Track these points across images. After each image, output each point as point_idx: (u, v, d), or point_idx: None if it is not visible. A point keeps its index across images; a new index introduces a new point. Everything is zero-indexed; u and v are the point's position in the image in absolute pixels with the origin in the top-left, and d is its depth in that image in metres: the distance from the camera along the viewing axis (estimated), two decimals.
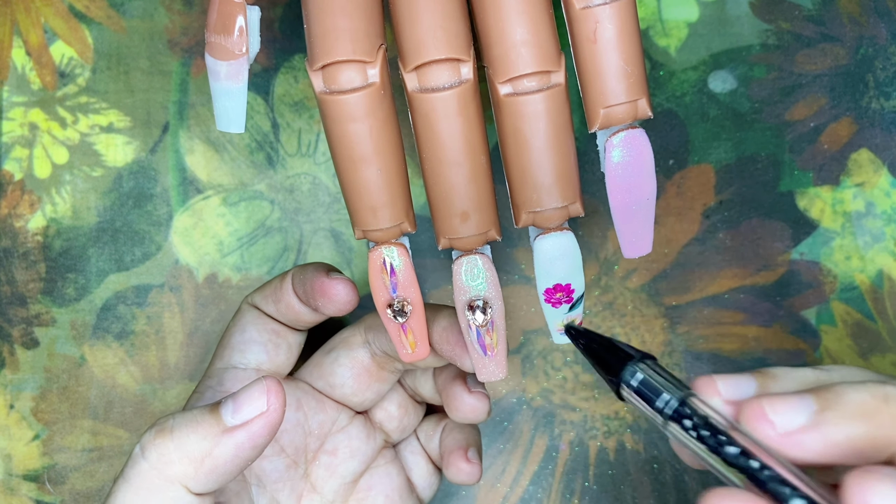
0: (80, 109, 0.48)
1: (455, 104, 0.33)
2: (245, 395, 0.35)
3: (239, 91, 0.35)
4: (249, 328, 0.42)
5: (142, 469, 0.35)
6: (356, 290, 0.40)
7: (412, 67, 0.33)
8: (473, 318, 0.36)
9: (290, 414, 0.41)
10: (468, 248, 0.36)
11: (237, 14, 0.33)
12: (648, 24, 0.49)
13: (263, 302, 0.42)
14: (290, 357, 0.43)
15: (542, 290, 0.37)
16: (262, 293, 0.42)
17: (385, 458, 0.43)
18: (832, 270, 0.48)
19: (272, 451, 0.41)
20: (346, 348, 0.42)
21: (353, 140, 0.33)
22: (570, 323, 0.37)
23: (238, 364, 0.42)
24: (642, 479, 0.48)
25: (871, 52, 0.48)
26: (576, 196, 0.35)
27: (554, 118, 0.33)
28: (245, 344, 0.42)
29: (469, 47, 0.33)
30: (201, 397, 0.41)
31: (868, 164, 0.48)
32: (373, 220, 0.34)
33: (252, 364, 0.42)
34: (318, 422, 0.42)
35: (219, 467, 0.35)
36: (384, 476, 0.43)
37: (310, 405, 0.42)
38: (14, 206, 0.48)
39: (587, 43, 0.32)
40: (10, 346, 0.48)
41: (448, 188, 0.34)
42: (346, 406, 0.42)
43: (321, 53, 0.33)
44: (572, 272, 0.36)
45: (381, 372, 0.42)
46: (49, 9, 0.49)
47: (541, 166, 0.34)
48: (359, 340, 0.42)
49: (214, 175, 0.49)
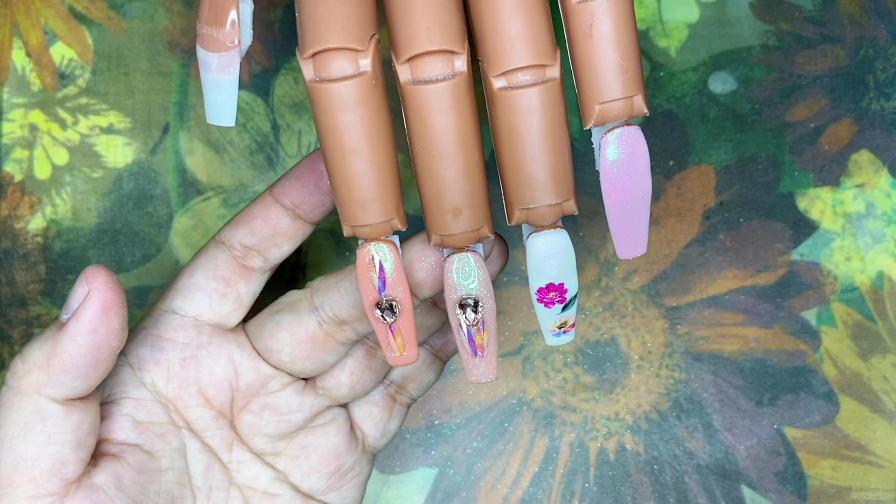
0: (81, 111, 0.49)
1: (448, 96, 0.32)
2: (71, 292, 0.35)
3: (230, 83, 0.34)
4: (198, 272, 0.40)
5: (1, 394, 0.35)
6: None
7: (405, 59, 0.32)
8: (464, 316, 0.36)
9: (219, 368, 0.39)
10: (460, 245, 0.35)
11: (230, 6, 0.33)
12: (648, 24, 0.49)
13: (232, 229, 0.40)
14: (237, 309, 0.40)
15: (535, 290, 0.36)
16: (233, 220, 0.40)
17: (325, 417, 0.41)
18: (832, 271, 0.48)
19: (197, 402, 0.39)
20: (292, 312, 0.39)
21: (342, 130, 0.33)
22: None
23: (178, 310, 0.40)
24: (642, 480, 0.47)
25: (871, 53, 0.48)
26: (570, 193, 0.34)
27: (548, 113, 0.33)
28: (189, 290, 0.40)
29: (463, 40, 0.32)
30: (138, 343, 0.40)
31: (868, 166, 0.48)
32: (362, 215, 0.34)
33: (192, 312, 0.40)
34: (246, 382, 0.40)
35: (66, 364, 0.34)
36: (321, 436, 0.41)
37: (242, 363, 0.40)
38: (14, 208, 0.48)
39: (583, 38, 0.32)
40: (10, 347, 0.48)
41: (440, 183, 0.33)
42: (282, 371, 0.40)
43: (312, 40, 0.32)
44: (565, 271, 0.35)
45: (328, 341, 0.39)
46: (49, 10, 0.49)
47: (534, 161, 0.33)
48: (305, 306, 0.39)
49: (215, 176, 0.49)
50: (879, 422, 0.47)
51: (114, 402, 0.38)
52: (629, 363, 0.48)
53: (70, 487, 0.35)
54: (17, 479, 0.35)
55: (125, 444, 0.38)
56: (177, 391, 0.39)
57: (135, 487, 0.37)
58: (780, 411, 0.47)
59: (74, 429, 0.35)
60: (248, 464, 0.40)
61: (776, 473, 0.47)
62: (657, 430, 0.48)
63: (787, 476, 0.47)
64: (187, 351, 0.39)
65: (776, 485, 0.47)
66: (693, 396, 0.48)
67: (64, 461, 0.35)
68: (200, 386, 0.39)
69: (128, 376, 0.39)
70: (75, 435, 0.35)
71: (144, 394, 0.39)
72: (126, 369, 0.39)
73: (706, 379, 0.48)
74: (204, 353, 0.39)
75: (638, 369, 0.48)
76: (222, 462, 0.40)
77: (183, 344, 0.39)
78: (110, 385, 0.38)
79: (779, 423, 0.47)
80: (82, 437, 0.36)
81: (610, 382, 0.48)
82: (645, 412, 0.48)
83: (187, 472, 0.39)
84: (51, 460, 0.35)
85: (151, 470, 0.38)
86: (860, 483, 0.47)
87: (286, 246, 0.40)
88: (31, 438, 0.35)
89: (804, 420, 0.47)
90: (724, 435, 0.47)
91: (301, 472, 0.41)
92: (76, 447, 0.36)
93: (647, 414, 0.48)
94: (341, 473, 0.42)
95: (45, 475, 0.35)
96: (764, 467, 0.47)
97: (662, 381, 0.48)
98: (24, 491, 0.35)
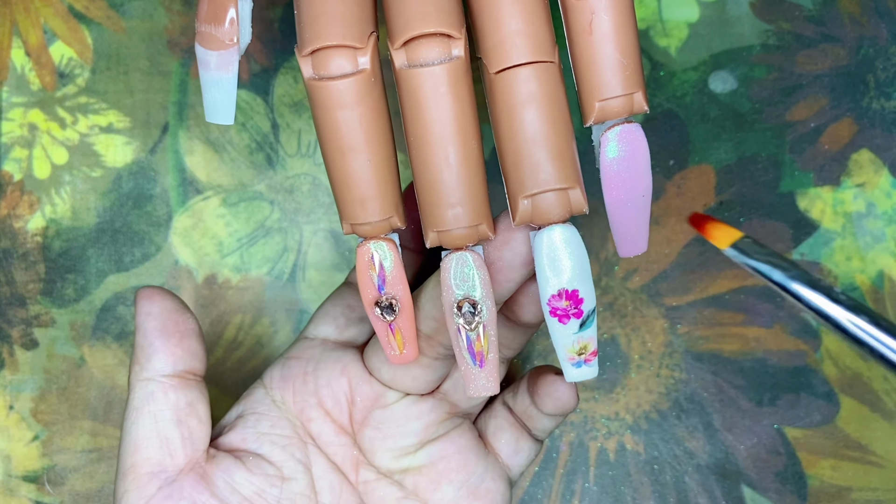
0: (80, 110, 0.49)
1: (445, 80, 0.32)
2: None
3: (229, 81, 0.34)
4: (327, 304, 0.43)
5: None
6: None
7: (400, 43, 0.32)
8: (462, 320, 0.34)
9: (334, 380, 0.41)
10: (458, 244, 0.34)
11: (229, 4, 0.33)
12: (649, 24, 0.49)
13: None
14: (362, 332, 0.43)
15: (547, 300, 0.34)
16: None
17: (447, 426, 0.41)
18: (833, 271, 0.48)
19: (318, 414, 0.41)
20: None
21: (342, 128, 0.32)
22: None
23: (309, 334, 0.43)
24: (642, 479, 0.47)
25: (871, 53, 0.48)
26: (575, 181, 0.33)
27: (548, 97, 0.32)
28: (320, 317, 0.43)
29: (461, 25, 0.32)
30: (273, 366, 0.42)
31: (869, 165, 0.48)
32: (361, 213, 0.33)
33: (320, 335, 0.43)
34: (361, 394, 0.41)
35: (146, 347, 0.39)
36: (447, 442, 0.41)
37: (356, 376, 0.41)
38: (13, 207, 0.48)
39: (583, 34, 0.32)
40: (9, 346, 0.48)
41: (436, 172, 0.33)
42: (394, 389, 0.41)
43: (310, 38, 0.32)
44: (578, 275, 0.34)
45: (421, 359, 0.39)
46: (48, 9, 0.49)
47: (535, 143, 0.32)
48: None
49: (214, 176, 0.48)
50: (880, 422, 0.47)
51: (243, 416, 0.41)
52: (629, 363, 0.48)
53: (182, 469, 0.38)
54: (138, 459, 0.38)
55: (247, 451, 0.40)
56: (301, 405, 0.41)
57: (249, 487, 0.39)
58: (781, 411, 0.47)
59: (173, 406, 0.39)
60: (374, 484, 0.41)
61: (776, 473, 0.47)
62: (657, 429, 0.48)
63: (788, 476, 0.47)
64: (310, 366, 0.41)
65: (776, 485, 0.47)
66: (693, 396, 0.48)
67: (169, 437, 0.39)
68: (319, 398, 0.41)
69: (260, 395, 0.41)
70: (175, 413, 0.39)
71: (272, 409, 0.41)
72: (260, 390, 0.42)
73: (706, 379, 0.48)
74: (323, 365, 0.41)
75: (638, 369, 0.48)
76: (350, 482, 0.41)
77: (306, 360, 0.42)
78: (244, 403, 0.42)
79: (779, 423, 0.47)
80: (182, 416, 0.39)
81: (610, 382, 0.48)
82: (645, 412, 0.48)
83: (313, 487, 0.40)
84: (158, 438, 0.39)
85: (271, 475, 0.39)
86: (860, 483, 0.47)
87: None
88: (141, 420, 0.39)
89: (804, 420, 0.47)
90: (724, 435, 0.47)
91: (430, 481, 0.41)
92: (177, 424, 0.39)
93: (647, 414, 0.48)
94: (473, 486, 0.41)
95: (156, 452, 0.38)
96: (764, 467, 0.47)
97: (662, 381, 0.48)
98: (143, 469, 0.38)
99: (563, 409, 0.41)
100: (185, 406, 0.39)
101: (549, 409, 0.41)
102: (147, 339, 0.39)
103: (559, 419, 0.42)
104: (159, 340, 0.39)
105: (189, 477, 0.38)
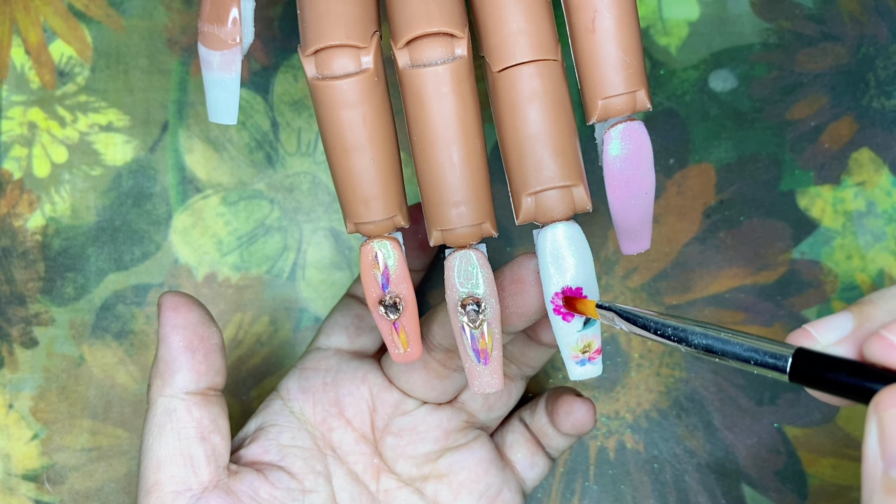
0: (80, 108, 0.48)
1: (448, 80, 0.32)
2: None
3: (231, 81, 0.34)
4: (336, 314, 0.44)
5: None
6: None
7: (403, 43, 0.32)
8: (466, 318, 0.34)
9: (356, 388, 0.41)
10: (461, 242, 0.34)
11: (231, 4, 0.33)
12: (649, 22, 0.49)
13: (358, 284, 0.44)
14: (373, 340, 0.44)
15: (550, 297, 0.34)
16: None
17: (467, 436, 0.42)
18: (833, 270, 0.48)
19: (339, 423, 0.41)
20: None
21: (345, 127, 0.32)
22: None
23: (321, 346, 0.43)
24: (642, 478, 0.47)
25: (871, 52, 0.48)
26: (578, 178, 0.33)
27: (551, 94, 0.32)
28: (330, 327, 0.44)
29: (464, 24, 0.32)
30: (288, 378, 0.42)
31: (869, 164, 0.48)
32: (365, 212, 0.33)
33: (333, 346, 0.43)
34: (382, 401, 0.41)
35: (171, 363, 0.38)
36: (466, 452, 0.42)
37: (377, 383, 0.41)
38: (13, 206, 0.48)
39: (585, 33, 0.32)
40: (9, 345, 0.48)
41: (439, 172, 0.33)
42: (413, 398, 0.42)
43: (314, 38, 0.32)
44: (582, 272, 0.34)
45: (442, 371, 0.40)
46: (48, 8, 0.49)
47: (537, 139, 0.32)
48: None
49: (214, 174, 0.48)
50: None
51: (263, 429, 0.41)
52: (629, 361, 0.48)
53: (206, 486, 0.38)
54: (161, 477, 0.38)
55: (269, 463, 0.40)
56: (321, 415, 0.41)
57: (272, 501, 0.39)
58: (781, 410, 0.47)
59: (196, 423, 0.38)
60: (395, 492, 0.41)
61: (776, 472, 0.47)
62: (657, 428, 0.48)
63: (788, 475, 0.47)
64: (328, 376, 0.42)
65: (776, 483, 0.47)
66: (693, 395, 0.48)
67: (193, 455, 0.38)
68: (341, 407, 0.41)
69: (278, 407, 0.42)
70: (198, 430, 0.38)
71: (292, 421, 0.41)
72: (277, 402, 0.42)
73: (706, 377, 0.48)
74: (342, 375, 0.42)
75: (638, 368, 0.48)
76: (370, 491, 0.41)
77: (325, 370, 0.42)
78: (262, 415, 0.42)
79: (779, 422, 0.47)
80: (206, 433, 0.38)
81: (610, 381, 0.48)
82: (645, 411, 0.48)
83: (334, 499, 0.40)
84: (182, 455, 0.38)
85: (293, 489, 0.39)
86: (860, 482, 0.47)
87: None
88: (164, 438, 0.38)
89: (805, 419, 0.47)
90: (724, 433, 0.47)
91: (451, 490, 0.42)
92: (201, 441, 0.38)
93: (647, 412, 0.48)
94: (491, 497, 0.42)
95: (181, 471, 0.38)
96: (764, 466, 0.47)
97: (662, 380, 0.48)
98: (167, 487, 0.38)
99: (580, 429, 0.42)
100: (209, 423, 0.39)
101: (567, 428, 0.42)
102: (172, 353, 0.38)
103: (574, 439, 0.43)
104: (184, 357, 0.38)
105: (214, 494, 0.38)
